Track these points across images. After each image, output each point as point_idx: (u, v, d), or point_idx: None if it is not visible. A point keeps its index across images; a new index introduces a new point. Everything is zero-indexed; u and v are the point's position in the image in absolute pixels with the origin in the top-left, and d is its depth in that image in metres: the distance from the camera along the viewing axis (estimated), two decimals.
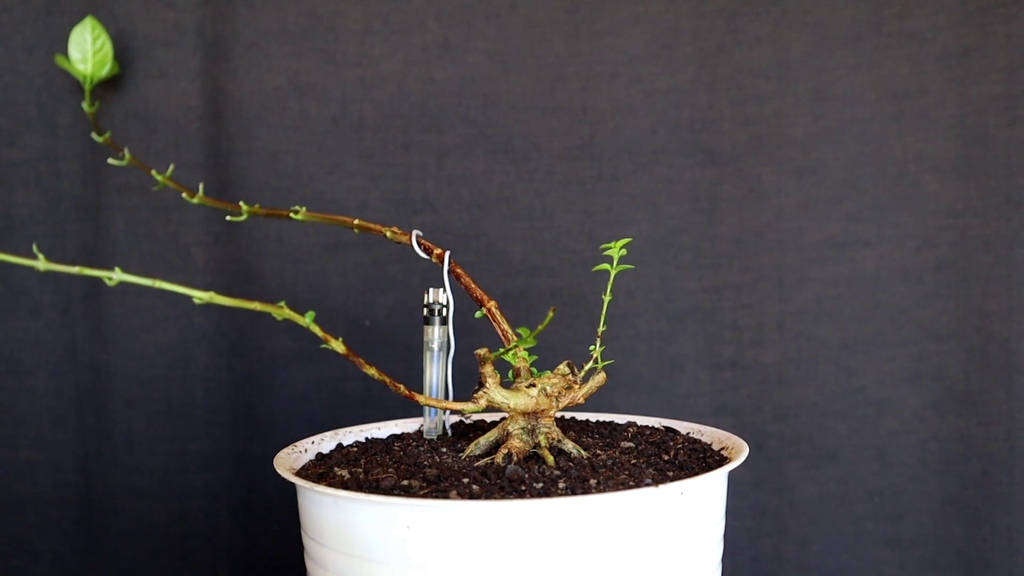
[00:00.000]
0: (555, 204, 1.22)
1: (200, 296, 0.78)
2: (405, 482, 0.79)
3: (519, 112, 1.22)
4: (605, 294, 0.89)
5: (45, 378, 1.23)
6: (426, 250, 0.92)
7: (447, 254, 0.91)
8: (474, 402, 0.83)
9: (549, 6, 1.21)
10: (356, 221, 0.96)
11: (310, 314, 0.82)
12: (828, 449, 1.23)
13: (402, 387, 0.84)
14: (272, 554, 1.25)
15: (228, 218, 1.08)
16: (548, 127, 1.22)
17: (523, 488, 0.76)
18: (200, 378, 1.24)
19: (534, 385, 0.84)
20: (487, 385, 0.82)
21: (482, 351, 0.83)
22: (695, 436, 0.92)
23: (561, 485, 0.76)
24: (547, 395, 0.84)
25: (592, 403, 0.93)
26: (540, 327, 0.91)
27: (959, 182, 1.20)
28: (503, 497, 0.74)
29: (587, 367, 0.87)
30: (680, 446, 0.88)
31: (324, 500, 0.78)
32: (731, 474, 0.87)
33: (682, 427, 0.93)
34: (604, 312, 0.89)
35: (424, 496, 0.75)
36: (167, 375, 1.23)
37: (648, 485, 0.75)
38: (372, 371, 0.83)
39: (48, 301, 1.22)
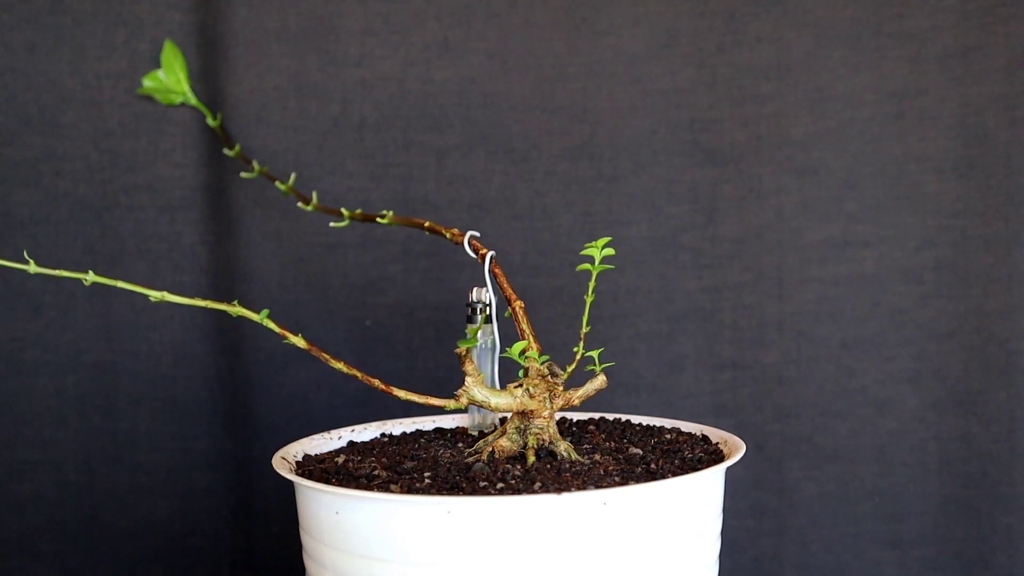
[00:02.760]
0: (555, 204, 1.23)
1: (155, 295, 0.83)
2: (377, 472, 0.82)
3: (519, 112, 1.22)
4: (587, 295, 0.89)
5: (46, 378, 1.23)
6: (475, 250, 0.94)
7: (490, 255, 0.92)
8: (455, 399, 0.84)
9: (549, 6, 1.21)
10: (427, 224, 1.00)
11: (264, 312, 0.84)
12: (828, 449, 1.23)
13: (377, 381, 0.85)
14: (275, 553, 1.25)
15: (332, 224, 1.13)
16: (548, 127, 1.22)
17: (463, 485, 0.78)
18: (203, 377, 1.24)
19: (521, 386, 0.85)
20: (467, 383, 0.83)
21: (461, 350, 0.84)
22: (721, 447, 0.91)
23: (499, 486, 0.77)
24: (530, 396, 0.84)
25: (594, 403, 0.93)
26: (476, 328, 0.93)
27: (959, 182, 1.20)
28: (437, 493, 0.76)
29: (570, 368, 0.87)
30: (690, 455, 0.87)
31: (307, 492, 0.81)
32: (731, 474, 0.87)
33: (715, 436, 0.93)
34: (586, 313, 0.89)
35: (361, 487, 0.78)
36: (171, 374, 1.24)
37: (553, 491, 0.75)
38: (340, 365, 0.85)
39: (49, 301, 1.23)
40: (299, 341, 0.85)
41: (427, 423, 1.01)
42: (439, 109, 1.22)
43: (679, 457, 0.86)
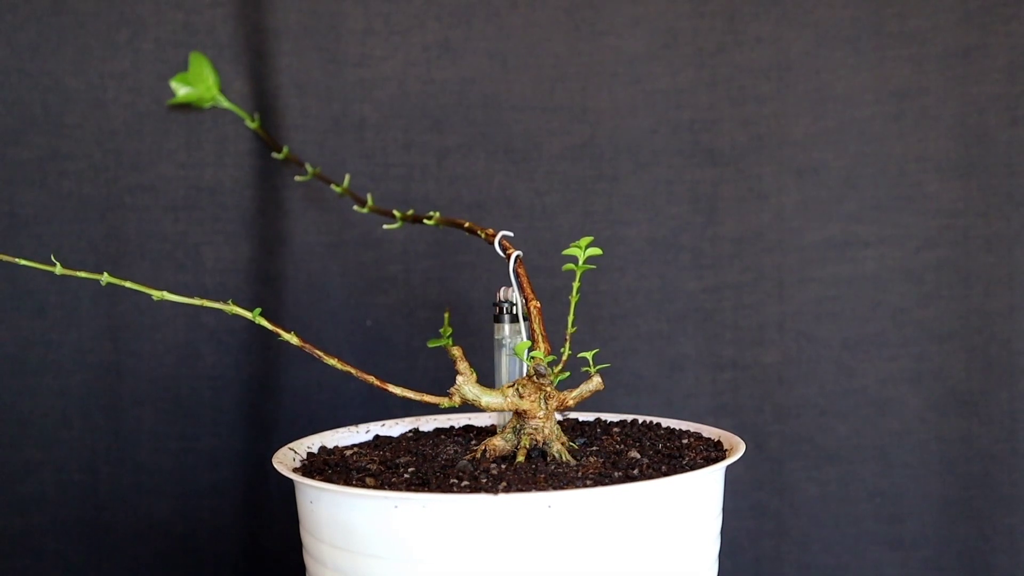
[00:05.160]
0: (555, 204, 1.23)
1: (155, 295, 0.85)
2: (369, 465, 0.84)
3: (519, 112, 1.22)
4: (572, 295, 0.90)
5: (50, 377, 1.24)
6: (504, 249, 0.94)
7: (515, 255, 0.93)
8: (448, 398, 0.85)
9: (549, 6, 1.21)
10: (467, 224, 1.00)
11: (256, 310, 0.86)
12: (829, 449, 1.22)
13: (372, 378, 0.86)
14: (278, 553, 1.25)
15: (385, 227, 1.13)
16: (548, 127, 1.22)
17: (433, 482, 0.80)
18: (207, 377, 1.24)
19: (513, 386, 0.85)
20: (458, 381, 0.84)
21: (454, 349, 0.85)
22: (727, 452, 0.90)
23: (464, 483, 0.79)
24: (520, 396, 0.85)
25: (595, 403, 0.94)
26: (447, 328, 0.94)
27: (960, 182, 1.20)
28: (407, 489, 0.78)
29: (557, 369, 0.87)
30: (688, 460, 0.86)
31: (295, 484, 0.83)
32: (732, 474, 0.87)
33: (727, 441, 0.92)
34: (571, 313, 0.89)
35: (334, 482, 0.80)
36: (175, 374, 1.24)
37: (489, 492, 0.76)
38: (333, 362, 0.86)
39: (54, 301, 1.23)
40: (292, 338, 0.85)
41: (461, 420, 1.02)
42: (439, 109, 1.23)
43: (672, 462, 0.86)
